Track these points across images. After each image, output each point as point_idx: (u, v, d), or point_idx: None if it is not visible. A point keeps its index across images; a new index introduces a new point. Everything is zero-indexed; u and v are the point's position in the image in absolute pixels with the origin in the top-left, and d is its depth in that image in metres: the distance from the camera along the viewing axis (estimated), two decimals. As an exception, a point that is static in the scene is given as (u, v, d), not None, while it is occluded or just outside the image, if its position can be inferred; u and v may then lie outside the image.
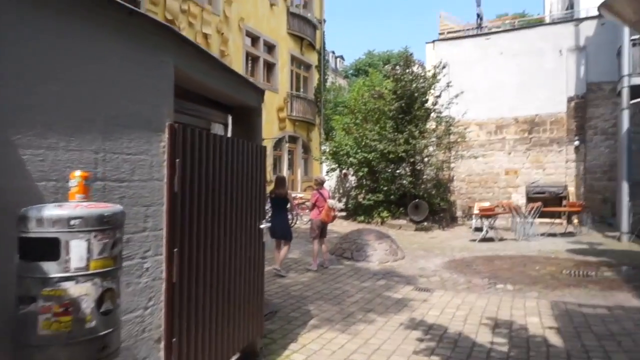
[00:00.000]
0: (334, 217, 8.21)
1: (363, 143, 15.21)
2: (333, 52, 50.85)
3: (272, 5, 16.58)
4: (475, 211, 13.78)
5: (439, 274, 7.68)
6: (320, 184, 8.20)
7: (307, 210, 15.54)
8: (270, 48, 16.76)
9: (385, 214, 15.08)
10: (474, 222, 13.96)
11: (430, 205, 14.80)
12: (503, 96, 17.08)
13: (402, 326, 4.95)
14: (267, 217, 12.82)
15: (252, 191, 3.71)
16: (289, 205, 8.07)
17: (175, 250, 2.62)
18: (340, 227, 14.67)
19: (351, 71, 38.91)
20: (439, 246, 10.99)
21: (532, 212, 12.20)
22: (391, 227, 14.58)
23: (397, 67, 15.17)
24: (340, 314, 5.37)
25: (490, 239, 11.61)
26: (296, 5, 18.53)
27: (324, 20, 20.78)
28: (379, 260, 8.72)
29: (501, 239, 11.68)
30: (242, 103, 3.97)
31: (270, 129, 16.55)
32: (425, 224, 14.49)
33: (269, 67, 16.95)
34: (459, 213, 17.42)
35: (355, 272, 7.93)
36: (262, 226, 3.85)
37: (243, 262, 3.56)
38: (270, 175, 16.15)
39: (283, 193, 7.73)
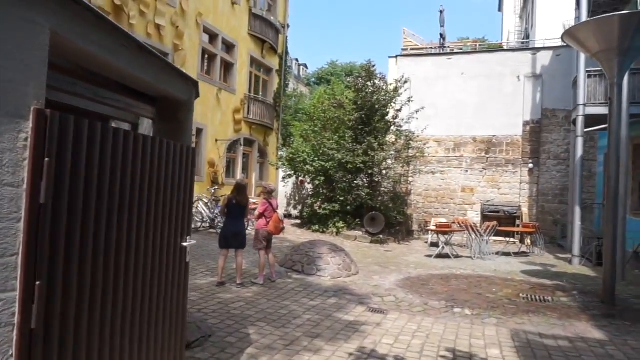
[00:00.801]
0: (282, 229, 7.57)
1: (321, 151, 14.71)
2: (297, 60, 50.58)
3: (233, 3, 15.86)
4: (432, 226, 13.56)
5: (394, 293, 7.19)
6: (269, 192, 7.55)
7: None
8: (229, 47, 16.01)
9: (340, 224, 14.61)
10: (430, 238, 13.74)
11: (387, 218, 14.47)
12: (462, 115, 17.15)
13: (351, 358, 4.36)
14: (216, 221, 12.04)
15: (173, 203, 2.97)
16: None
17: (38, 283, 1.88)
18: (294, 235, 14.04)
19: (313, 79, 38.61)
20: (394, 261, 10.57)
21: (488, 230, 12.06)
22: (346, 238, 14.11)
23: (359, 79, 14.84)
24: (284, 340, 4.72)
25: (446, 256, 11.34)
26: (260, 8, 17.91)
27: (288, 26, 20.26)
28: (332, 275, 8.14)
29: (457, 256, 11.43)
30: (167, 94, 3.24)
31: (225, 130, 15.75)
32: (381, 236, 14.13)
33: (227, 66, 16.18)
34: (415, 227, 17.23)
35: (305, 287, 7.31)
36: (185, 244, 3.14)
37: (156, 289, 2.82)
38: (222, 177, 15.30)
39: (244, 201, 7.13)
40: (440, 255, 11.36)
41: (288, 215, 18.84)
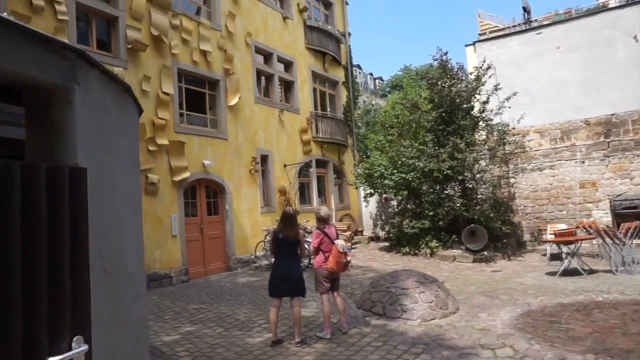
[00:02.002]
0: (347, 265, 5.85)
1: (400, 162, 12.83)
2: (371, 74, 49.36)
3: (285, 18, 14.87)
4: (549, 235, 10.93)
5: (511, 342, 5.09)
6: (323, 220, 5.91)
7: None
8: (286, 65, 14.97)
9: (434, 243, 12.51)
10: (549, 249, 11.07)
11: (489, 230, 12.07)
12: (566, 97, 14.29)
13: None
14: (268, 261, 10.64)
15: (40, 279, 1.50)
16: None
17: None
18: (381, 261, 12.23)
19: (388, 89, 36.71)
20: (505, 286, 8.28)
21: (630, 233, 9.21)
22: (443, 259, 11.97)
23: (431, 73, 12.83)
24: None
25: (575, 272, 8.77)
26: (315, 19, 16.79)
27: (349, 34, 18.86)
28: (422, 317, 6.23)
29: (590, 272, 8.79)
30: (31, 81, 1.84)
31: (293, 153, 14.58)
32: (486, 253, 11.75)
33: (287, 85, 15.11)
34: (526, 237, 14.45)
35: (387, 339, 5.51)
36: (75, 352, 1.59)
37: None
38: (295, 205, 14.04)
39: (294, 235, 5.57)
40: (566, 272, 8.81)
41: (376, 238, 17.06)
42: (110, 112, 2.17)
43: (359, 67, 46.95)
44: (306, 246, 7.28)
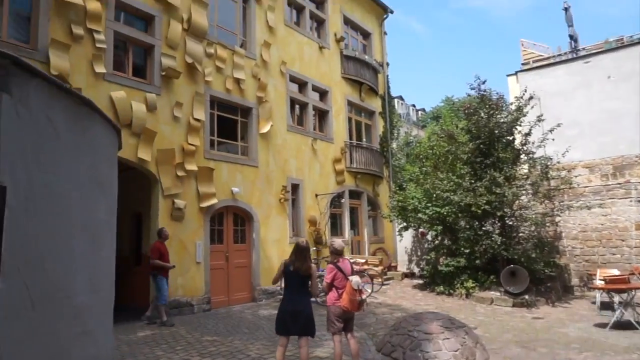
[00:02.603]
0: (362, 304, 5.35)
1: (434, 195, 12.25)
2: (414, 106, 48.96)
3: (321, 48, 14.91)
4: (599, 281, 9.93)
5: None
6: (337, 252, 5.50)
7: (369, 281, 12.68)
8: (321, 94, 14.92)
9: (470, 283, 11.71)
10: (599, 296, 10.03)
11: (532, 271, 11.17)
12: (618, 129, 13.34)
13: None
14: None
15: None
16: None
17: None
18: (413, 300, 11.53)
19: (429, 120, 36.08)
20: (546, 337, 7.46)
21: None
22: (479, 301, 11.14)
23: (468, 103, 12.33)
24: None
25: (629, 325, 7.80)
26: (353, 48, 16.78)
27: (387, 64, 18.68)
28: (446, 367, 5.62)
29: (646, 326, 7.80)
30: None
31: (325, 183, 14.30)
32: (527, 297, 10.84)
33: (321, 114, 15.01)
34: (574, 281, 13.31)
35: (404, 390, 4.95)
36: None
37: None
38: (325, 236, 13.67)
39: (306, 268, 5.16)
40: (618, 325, 7.87)
41: (410, 275, 16.31)
42: (59, 127, 1.97)
43: (400, 98, 46.76)
44: (318, 282, 6.85)
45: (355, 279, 5.30)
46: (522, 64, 16.74)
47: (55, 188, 1.92)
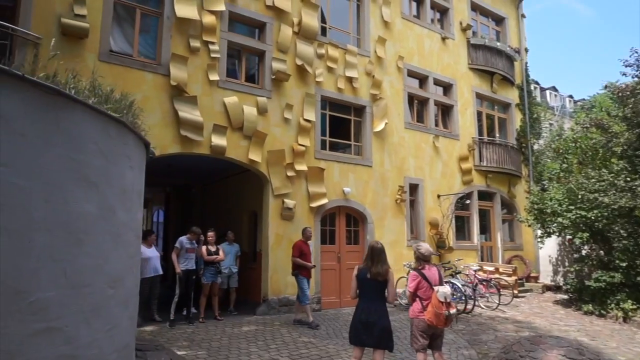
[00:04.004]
0: (449, 319, 4.61)
1: (579, 196, 10.37)
2: (571, 96, 43.11)
3: (444, 39, 13.83)
4: None
5: None
6: (423, 258, 4.84)
7: (492, 290, 11.34)
8: (445, 87, 13.85)
9: (629, 304, 9.70)
10: None
11: None
12: None
13: None
14: (408, 300, 9.37)
15: None
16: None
17: None
18: (550, 319, 9.93)
19: (580, 110, 31.07)
20: None
21: None
22: (641, 327, 9.07)
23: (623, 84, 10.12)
24: None
25: None
26: (482, 36, 15.25)
27: (526, 50, 16.54)
28: (564, 407, 4.54)
29: None
30: None
31: (449, 182, 13.23)
32: None
33: (445, 109, 13.91)
34: None
35: None
36: None
37: None
38: (449, 240, 12.67)
39: (382, 273, 4.69)
40: None
41: (555, 288, 14.25)
42: (10, 118, 1.94)
43: (554, 89, 41.51)
44: (399, 290, 6.17)
45: (442, 289, 4.63)
46: None
47: (8, 180, 1.90)
